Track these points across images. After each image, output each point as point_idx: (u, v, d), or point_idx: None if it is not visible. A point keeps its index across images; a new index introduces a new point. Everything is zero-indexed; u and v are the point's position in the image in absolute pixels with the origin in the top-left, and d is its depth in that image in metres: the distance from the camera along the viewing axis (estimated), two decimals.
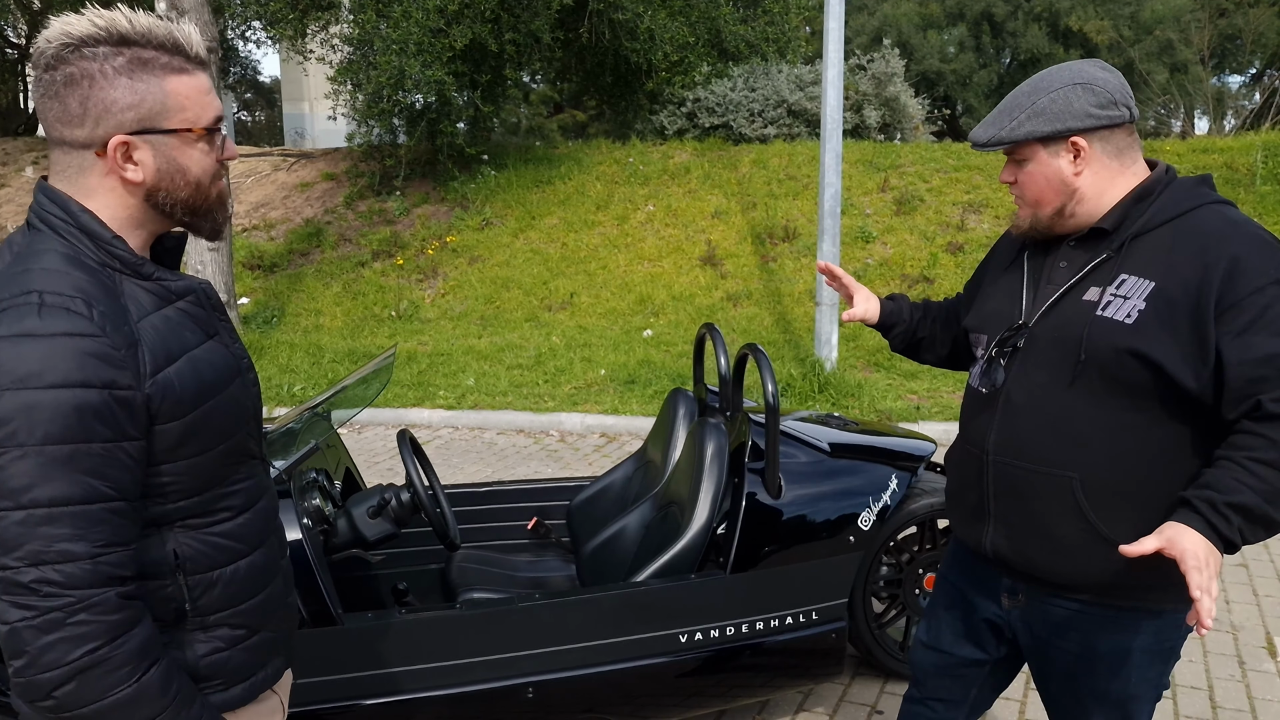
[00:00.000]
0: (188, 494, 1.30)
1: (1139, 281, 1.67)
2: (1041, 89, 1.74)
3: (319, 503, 2.72)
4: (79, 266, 1.23)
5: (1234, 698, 3.30)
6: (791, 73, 12.24)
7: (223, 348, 1.37)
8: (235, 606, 1.38)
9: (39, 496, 1.14)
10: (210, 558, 1.34)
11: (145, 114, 1.25)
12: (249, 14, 12.09)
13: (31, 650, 1.14)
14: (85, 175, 1.27)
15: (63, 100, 1.23)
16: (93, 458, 1.17)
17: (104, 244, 1.26)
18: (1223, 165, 9.57)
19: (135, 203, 1.29)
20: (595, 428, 6.87)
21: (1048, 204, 1.78)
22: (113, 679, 1.18)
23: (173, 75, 1.27)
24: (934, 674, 2.11)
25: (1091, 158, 1.74)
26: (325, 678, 2.44)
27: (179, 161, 1.29)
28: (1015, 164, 1.81)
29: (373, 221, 11.34)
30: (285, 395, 7.51)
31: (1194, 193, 1.73)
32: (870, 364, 7.88)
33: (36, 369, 1.14)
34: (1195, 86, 19.27)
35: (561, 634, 2.62)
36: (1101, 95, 1.71)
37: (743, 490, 2.83)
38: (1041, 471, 1.76)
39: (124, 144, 1.25)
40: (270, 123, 29.56)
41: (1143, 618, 1.76)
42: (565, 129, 20.61)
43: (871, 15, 24.35)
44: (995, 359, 1.85)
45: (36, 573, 1.14)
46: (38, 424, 1.14)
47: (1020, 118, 1.74)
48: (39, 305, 1.17)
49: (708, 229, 10.18)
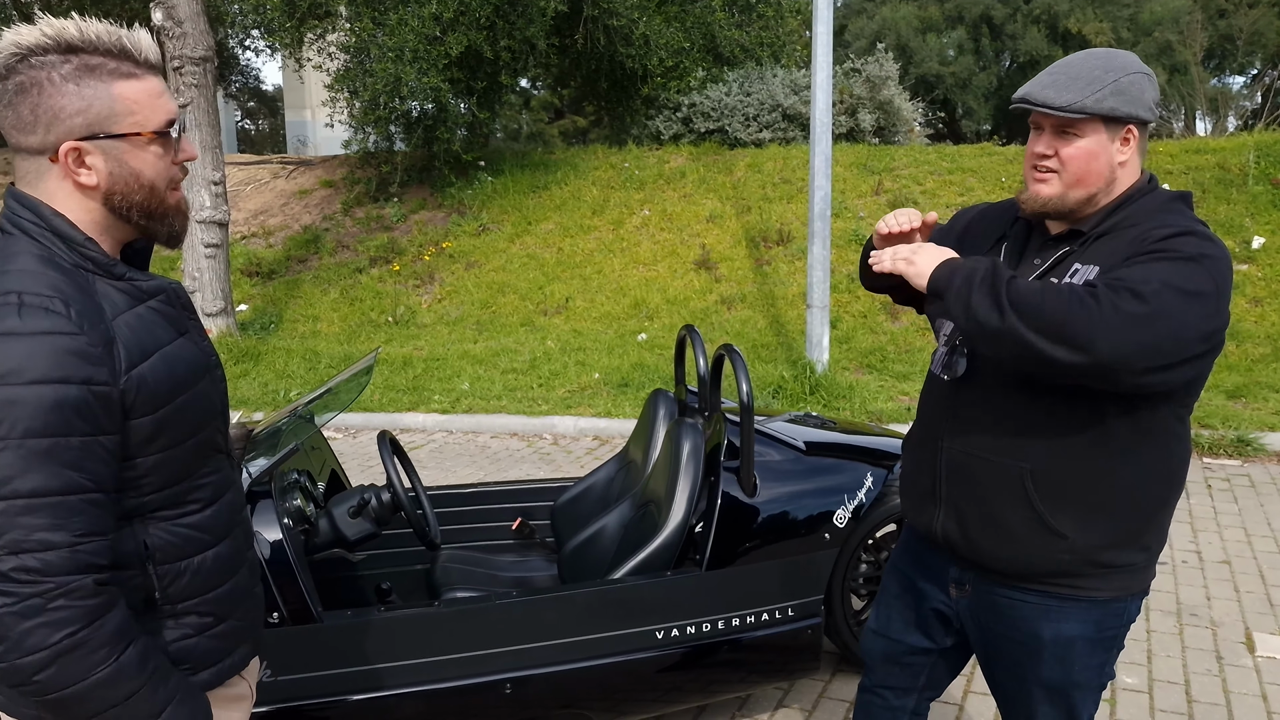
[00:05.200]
0: (159, 487, 1.35)
1: (1088, 268, 1.71)
2: (1117, 68, 1.70)
3: (300, 503, 2.77)
4: (53, 267, 1.27)
5: (1210, 692, 3.33)
6: (786, 77, 12.28)
7: (193, 345, 1.42)
8: (202, 595, 1.42)
9: (19, 488, 1.18)
10: (179, 548, 1.38)
11: (93, 119, 1.29)
12: (248, 23, 12.18)
13: (13, 635, 1.19)
14: (43, 180, 1.31)
15: (16, 109, 1.27)
16: (71, 451, 1.21)
17: (76, 245, 1.30)
18: (1215, 166, 9.60)
19: (95, 206, 1.33)
20: (588, 430, 6.91)
21: (1087, 185, 1.74)
22: (92, 660, 1.23)
23: (120, 80, 1.30)
24: (882, 661, 2.15)
25: (1133, 150, 1.74)
26: (306, 674, 2.48)
27: (131, 165, 1.33)
28: (1063, 136, 1.73)
29: (370, 228, 11.41)
30: (281, 400, 7.56)
31: (1166, 207, 1.74)
32: (862, 366, 7.92)
33: (17, 366, 1.19)
34: (1193, 88, 19.27)
35: (538, 630, 2.66)
36: (1158, 90, 1.73)
37: (718, 488, 2.87)
38: (994, 461, 1.80)
39: (74, 149, 1.29)
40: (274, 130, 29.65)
41: (1085, 607, 1.80)
42: (566, 134, 20.69)
43: (870, 19, 24.37)
44: (958, 347, 1.88)
45: (16, 560, 1.18)
46: (18, 419, 1.18)
47: (1104, 91, 1.68)
48: (19, 305, 1.22)
49: (702, 233, 10.23)
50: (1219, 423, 6.36)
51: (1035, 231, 1.89)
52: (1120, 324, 1.54)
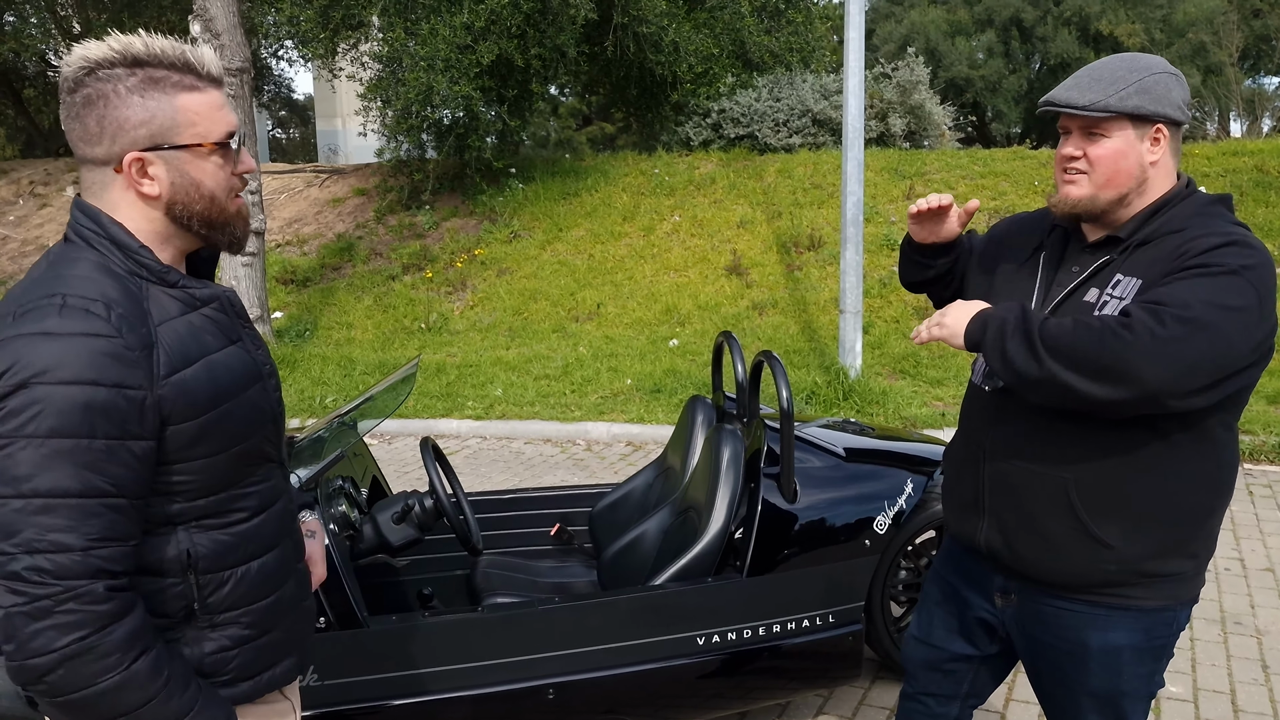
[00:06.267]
0: (201, 494, 1.36)
1: (1130, 280, 1.71)
2: (1140, 68, 1.71)
3: (345, 509, 2.80)
4: (107, 274, 1.30)
5: (1257, 702, 3.29)
6: (816, 82, 12.26)
7: (244, 353, 1.43)
8: (245, 606, 1.42)
9: (39, 486, 1.19)
10: (222, 557, 1.38)
11: (157, 130, 1.32)
12: (281, 34, 12.34)
13: (22, 636, 1.20)
14: (107, 191, 1.34)
15: (83, 120, 1.31)
16: (94, 453, 1.22)
17: (131, 253, 1.33)
18: (1253, 168, 9.48)
19: (158, 215, 1.36)
20: (621, 436, 6.93)
21: (1117, 186, 1.74)
22: (99, 666, 1.23)
23: (184, 93, 1.33)
24: (924, 668, 2.14)
25: (1165, 150, 1.74)
26: (351, 679, 2.51)
27: (192, 175, 1.35)
28: (1090, 137, 1.73)
29: (403, 235, 11.50)
30: (317, 407, 7.64)
31: (1206, 210, 1.74)
32: (895, 371, 7.89)
33: (52, 364, 1.20)
34: (1229, 89, 19.04)
35: (581, 636, 2.67)
36: (1187, 92, 1.73)
37: (758, 495, 2.87)
38: (1038, 471, 1.79)
39: (138, 160, 1.32)
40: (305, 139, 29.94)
41: (1133, 616, 1.79)
42: (594, 141, 20.74)
43: (899, 23, 24.28)
44: None
45: (29, 560, 1.19)
46: (46, 416, 1.20)
47: (1127, 90, 1.69)
48: (60, 306, 1.24)
49: (733, 238, 10.23)
50: (1260, 428, 6.28)
51: (1073, 239, 1.88)
52: (1160, 350, 1.53)
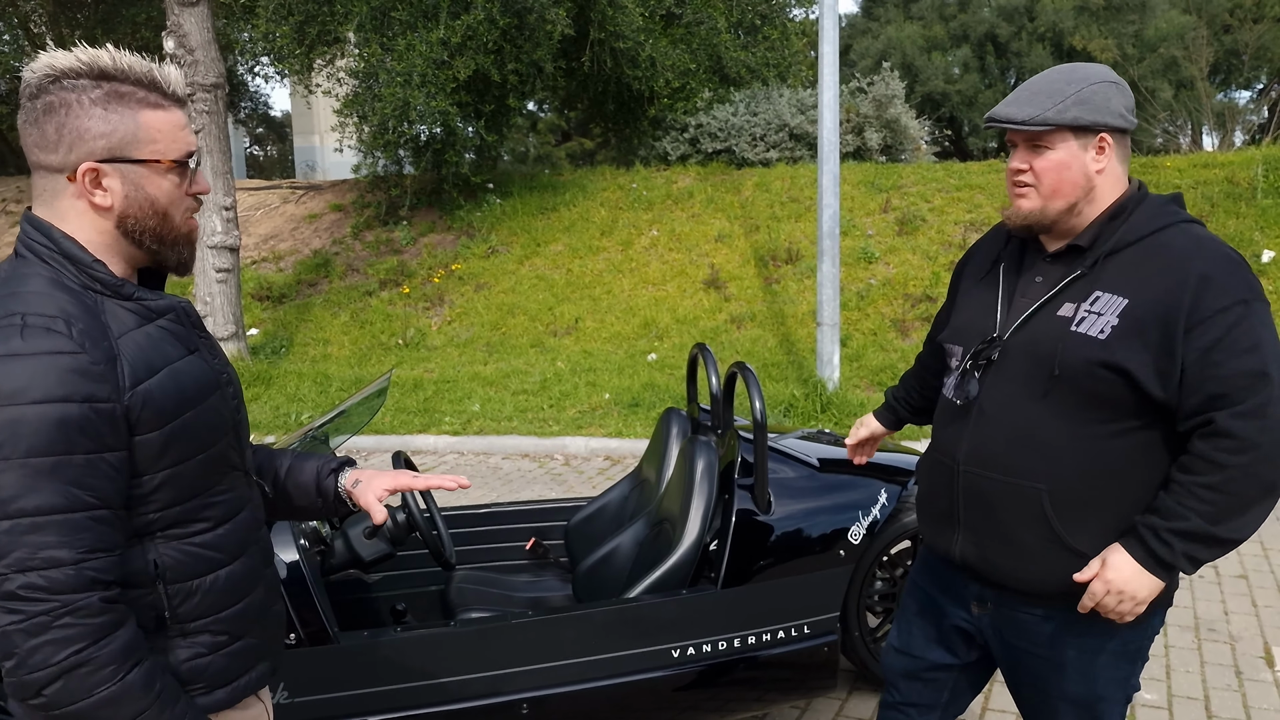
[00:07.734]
0: (168, 504, 1.36)
1: (1112, 298, 1.72)
2: (1078, 79, 1.73)
3: (316, 524, 2.78)
4: (61, 289, 1.29)
5: (1230, 708, 3.30)
6: (793, 97, 12.34)
7: (203, 362, 1.43)
8: (215, 614, 1.43)
9: (25, 506, 1.20)
10: (190, 567, 1.39)
11: (116, 143, 1.32)
12: (257, 50, 12.31)
13: (20, 652, 1.21)
14: (58, 199, 1.34)
15: (41, 126, 1.30)
16: (75, 468, 1.23)
17: (84, 267, 1.32)
18: (1224, 180, 9.60)
19: (108, 228, 1.35)
20: (599, 451, 6.92)
21: (1064, 196, 1.76)
22: (97, 678, 1.24)
23: (147, 109, 1.34)
24: (904, 678, 2.14)
25: (1110, 158, 1.76)
26: (323, 695, 2.48)
27: (147, 191, 1.35)
28: (1035, 150, 1.76)
29: (380, 251, 11.46)
30: (293, 424, 7.59)
31: (1163, 211, 1.77)
32: (873, 383, 7.91)
33: (21, 386, 1.20)
34: (1200, 103, 19.29)
35: (555, 650, 2.66)
36: (1130, 99, 1.76)
37: (733, 506, 2.87)
38: (1011, 483, 1.80)
39: (92, 170, 1.31)
40: (282, 156, 29.85)
41: (1108, 622, 1.79)
42: (573, 156, 20.79)
43: (875, 39, 24.48)
44: (969, 371, 1.89)
45: (23, 579, 1.20)
46: (22, 437, 1.20)
47: (1065, 102, 1.71)
48: (21, 326, 1.24)
49: (711, 252, 10.26)
50: None
51: (1030, 248, 1.90)
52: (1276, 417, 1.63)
